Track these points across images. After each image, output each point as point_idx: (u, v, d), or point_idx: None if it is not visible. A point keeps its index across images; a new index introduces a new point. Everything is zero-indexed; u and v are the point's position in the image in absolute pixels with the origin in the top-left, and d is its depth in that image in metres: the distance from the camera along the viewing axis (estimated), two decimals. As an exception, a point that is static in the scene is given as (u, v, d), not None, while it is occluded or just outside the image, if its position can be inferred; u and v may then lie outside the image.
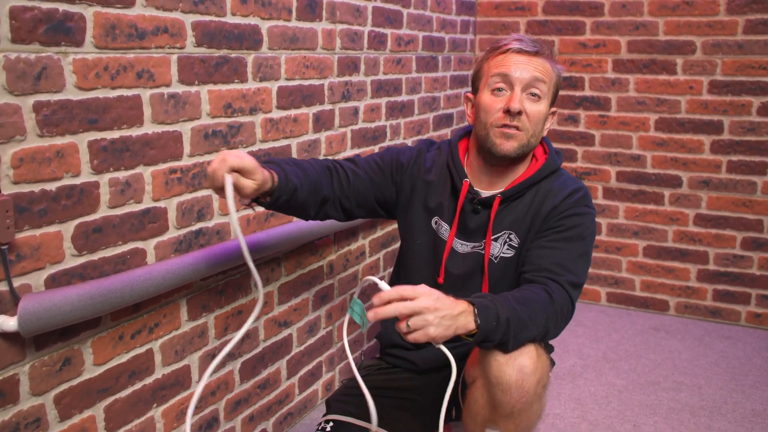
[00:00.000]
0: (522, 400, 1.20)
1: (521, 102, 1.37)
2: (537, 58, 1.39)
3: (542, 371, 1.23)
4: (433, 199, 1.50)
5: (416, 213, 1.52)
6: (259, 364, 1.88)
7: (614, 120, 3.02)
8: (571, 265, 1.34)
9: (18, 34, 1.13)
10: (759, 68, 2.74)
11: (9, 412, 1.19)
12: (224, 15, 1.59)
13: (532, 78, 1.37)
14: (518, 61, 1.38)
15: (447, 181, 1.50)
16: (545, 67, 1.39)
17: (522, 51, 1.38)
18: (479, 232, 1.46)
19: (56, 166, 1.22)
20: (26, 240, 1.19)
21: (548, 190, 1.43)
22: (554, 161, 1.46)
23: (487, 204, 1.44)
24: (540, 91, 1.38)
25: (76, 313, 1.22)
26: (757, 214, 2.83)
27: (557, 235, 1.38)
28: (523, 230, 1.43)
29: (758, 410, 2.22)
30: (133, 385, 1.46)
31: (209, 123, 1.58)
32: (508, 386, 1.19)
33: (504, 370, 1.19)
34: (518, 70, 1.37)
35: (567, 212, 1.39)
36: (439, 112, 2.84)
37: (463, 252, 1.47)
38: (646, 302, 3.09)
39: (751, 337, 2.81)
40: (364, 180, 1.48)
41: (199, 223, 1.59)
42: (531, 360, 1.21)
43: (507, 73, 1.38)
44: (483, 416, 1.27)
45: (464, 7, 3.02)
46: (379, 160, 1.53)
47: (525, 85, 1.37)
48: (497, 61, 1.40)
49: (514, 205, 1.44)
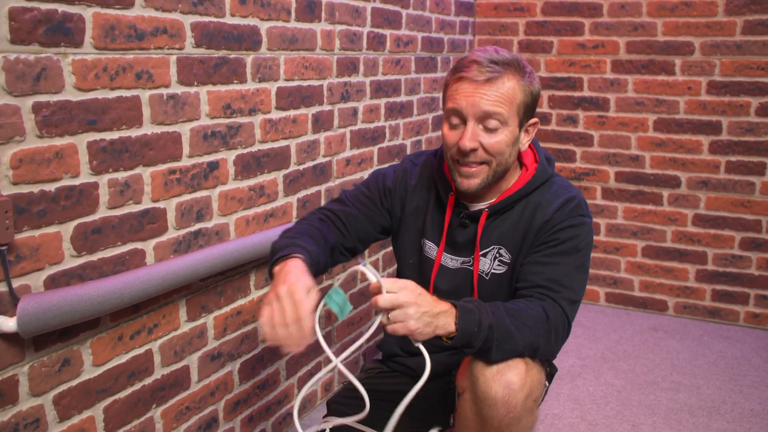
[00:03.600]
0: (510, 415, 1.18)
1: (474, 138, 1.29)
2: (491, 86, 1.28)
3: (531, 386, 1.22)
4: (419, 217, 1.48)
5: (407, 234, 1.50)
6: (258, 364, 1.88)
7: (613, 120, 3.02)
8: (567, 281, 1.30)
9: (17, 34, 1.13)
10: (757, 69, 2.74)
11: (8, 413, 1.19)
12: (223, 16, 1.59)
13: (483, 112, 1.28)
14: (469, 92, 1.28)
15: (433, 195, 1.47)
16: (502, 93, 1.28)
17: (473, 80, 1.28)
18: (468, 247, 1.43)
19: (55, 166, 1.22)
20: (25, 241, 1.19)
21: (537, 204, 1.38)
22: (544, 171, 1.40)
23: (475, 218, 1.40)
24: (496, 122, 1.29)
25: (76, 314, 1.22)
26: (755, 215, 2.83)
27: (551, 249, 1.33)
28: (514, 245, 1.39)
29: (757, 410, 2.22)
30: (132, 386, 1.46)
31: (208, 124, 1.58)
32: (494, 402, 1.18)
33: (490, 385, 1.19)
34: (468, 104, 1.28)
35: (560, 225, 1.34)
36: (438, 112, 2.84)
37: (453, 267, 1.45)
38: (644, 302, 3.09)
39: (750, 337, 2.81)
40: (358, 218, 1.47)
41: (198, 224, 1.59)
42: (519, 376, 1.19)
43: (458, 108, 1.30)
44: (472, 428, 1.27)
45: (463, 8, 3.02)
46: (365, 191, 1.51)
47: (478, 118, 1.29)
48: (452, 91, 1.32)
49: (503, 218, 1.40)
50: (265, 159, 1.80)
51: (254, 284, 1.83)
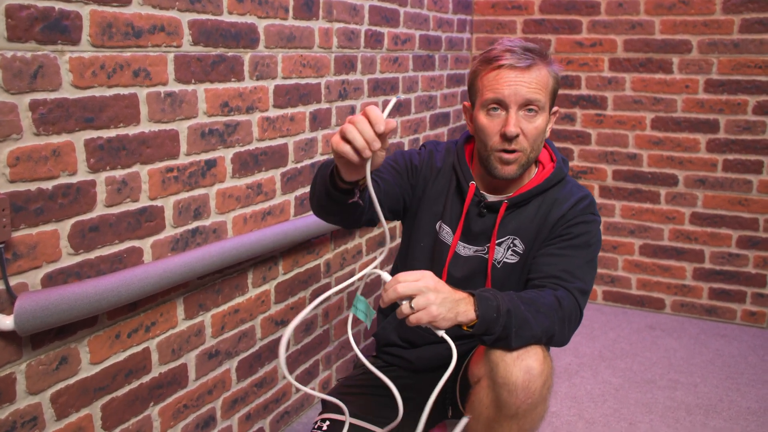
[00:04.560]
0: (528, 401, 1.20)
1: (517, 124, 1.33)
2: (530, 72, 1.32)
3: (548, 374, 1.24)
4: (439, 201, 1.50)
5: (424, 215, 1.51)
6: (256, 362, 1.88)
7: (610, 119, 3.03)
8: (579, 273, 1.34)
9: (14, 32, 1.13)
10: (755, 67, 2.75)
11: (5, 411, 1.19)
12: (221, 13, 1.59)
13: (526, 100, 1.32)
14: (511, 80, 1.32)
15: (453, 183, 1.49)
16: (540, 79, 1.33)
17: (514, 67, 1.32)
18: (483, 236, 1.45)
19: (52, 164, 1.22)
20: (22, 239, 1.19)
21: (555, 199, 1.42)
22: (561, 170, 1.45)
23: (493, 208, 1.43)
24: (537, 107, 1.34)
25: (73, 312, 1.22)
26: (752, 213, 2.84)
27: (565, 242, 1.38)
28: (528, 237, 1.42)
29: (753, 408, 2.23)
30: (129, 384, 1.46)
31: (206, 122, 1.58)
32: (514, 387, 1.19)
33: (511, 370, 1.20)
34: (511, 92, 1.32)
35: (574, 220, 1.39)
36: (436, 110, 2.84)
37: (465, 255, 1.47)
38: (642, 301, 3.09)
39: (747, 335, 2.82)
40: (392, 185, 1.46)
41: (195, 222, 1.59)
42: (538, 362, 1.21)
43: (500, 97, 1.33)
44: (487, 416, 1.27)
45: (461, 6, 3.02)
46: (394, 164, 1.50)
47: (520, 105, 1.33)
48: (489, 80, 1.35)
49: (519, 211, 1.43)
50: (263, 157, 1.79)
51: (252, 282, 1.83)
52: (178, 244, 1.54)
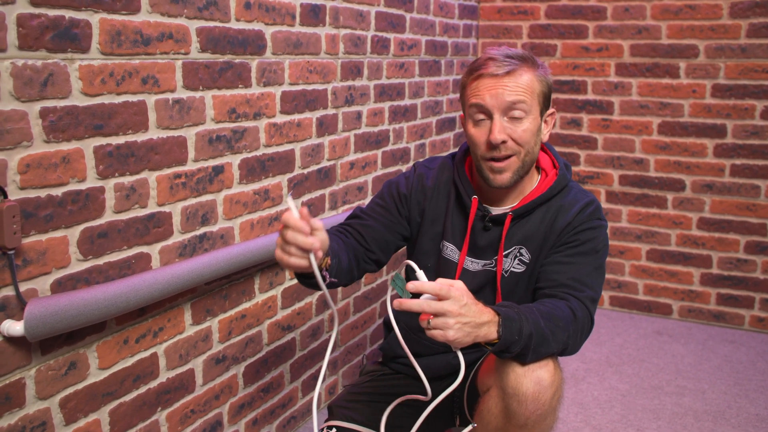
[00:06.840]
0: (537, 412, 1.20)
1: (502, 130, 1.32)
2: (511, 78, 1.32)
3: (558, 385, 1.24)
4: (438, 221, 1.49)
5: (424, 238, 1.50)
6: (263, 368, 1.88)
7: (617, 124, 3.02)
8: (588, 280, 1.34)
9: (25, 41, 1.14)
10: (762, 72, 2.74)
11: (15, 416, 1.20)
12: (228, 21, 1.60)
13: (508, 103, 1.32)
14: (491, 86, 1.32)
15: (452, 199, 1.48)
16: (522, 83, 1.33)
17: (494, 74, 1.32)
18: (490, 250, 1.44)
19: (62, 171, 1.23)
20: (32, 245, 1.20)
21: (560, 206, 1.41)
22: (564, 177, 1.44)
23: (498, 221, 1.42)
24: (521, 109, 1.33)
25: (82, 318, 1.23)
26: (760, 218, 2.83)
27: (572, 249, 1.37)
28: (534, 246, 1.41)
29: (762, 415, 2.22)
30: (137, 389, 1.46)
31: (214, 128, 1.59)
32: (524, 397, 1.19)
33: (521, 381, 1.20)
34: (492, 98, 1.32)
35: (581, 227, 1.38)
36: (442, 116, 2.85)
37: (474, 270, 1.46)
38: (649, 306, 3.08)
39: (755, 341, 2.80)
40: (376, 229, 1.47)
41: (203, 228, 1.60)
42: (549, 373, 1.21)
43: (482, 104, 1.33)
44: (495, 425, 1.27)
45: (467, 11, 3.02)
46: (380, 202, 1.51)
47: (503, 111, 1.33)
48: (472, 89, 1.36)
49: (524, 221, 1.42)
50: (270, 163, 1.80)
51: (259, 288, 1.83)
52: (186, 249, 1.55)
